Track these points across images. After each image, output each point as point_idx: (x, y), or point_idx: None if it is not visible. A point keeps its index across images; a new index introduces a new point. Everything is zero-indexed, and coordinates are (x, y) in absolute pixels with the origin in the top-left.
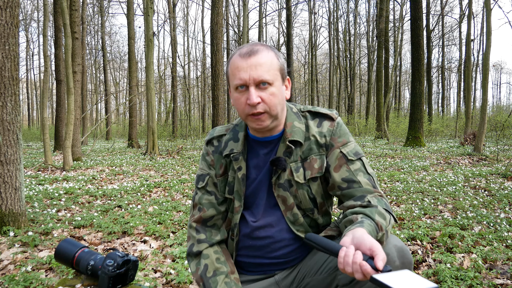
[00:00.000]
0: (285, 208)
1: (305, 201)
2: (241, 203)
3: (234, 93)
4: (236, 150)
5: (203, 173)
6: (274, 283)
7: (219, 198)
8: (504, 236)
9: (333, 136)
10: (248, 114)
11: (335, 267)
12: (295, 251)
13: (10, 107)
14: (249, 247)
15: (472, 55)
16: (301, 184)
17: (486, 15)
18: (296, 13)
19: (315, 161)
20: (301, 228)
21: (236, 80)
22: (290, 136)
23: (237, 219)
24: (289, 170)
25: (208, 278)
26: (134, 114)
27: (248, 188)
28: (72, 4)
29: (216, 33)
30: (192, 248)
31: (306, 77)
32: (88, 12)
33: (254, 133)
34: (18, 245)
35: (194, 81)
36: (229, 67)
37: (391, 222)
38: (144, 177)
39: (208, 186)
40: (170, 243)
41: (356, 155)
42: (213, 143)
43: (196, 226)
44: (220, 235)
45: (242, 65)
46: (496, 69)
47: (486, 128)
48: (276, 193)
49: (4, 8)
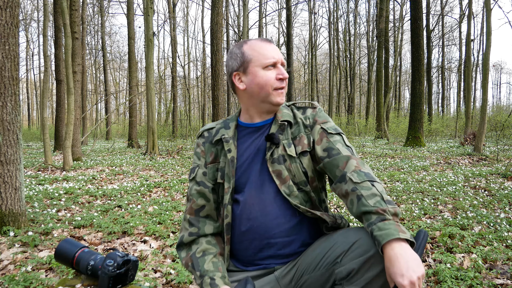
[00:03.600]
0: (280, 182)
1: (298, 174)
2: (230, 184)
3: (261, 71)
4: (227, 135)
5: (194, 166)
6: (274, 280)
7: (208, 186)
8: (504, 236)
9: (315, 117)
10: (275, 88)
11: (333, 262)
12: (292, 229)
13: (10, 107)
14: (247, 230)
15: (472, 55)
16: (293, 158)
17: (486, 15)
18: (296, 13)
19: (303, 138)
20: (296, 199)
21: (269, 58)
22: (282, 118)
23: (226, 200)
24: (281, 146)
25: (197, 258)
26: (134, 114)
27: (238, 170)
28: (72, 4)
29: (216, 33)
30: (183, 239)
31: (306, 77)
32: (88, 12)
33: (252, 119)
34: (18, 245)
35: (194, 81)
36: (252, 50)
37: (380, 188)
38: (144, 177)
39: (197, 177)
40: (170, 243)
41: (335, 130)
42: (203, 135)
43: (189, 218)
44: (214, 227)
45: (270, 47)
46: (496, 69)
47: (486, 128)
48: (271, 168)
49: (4, 8)
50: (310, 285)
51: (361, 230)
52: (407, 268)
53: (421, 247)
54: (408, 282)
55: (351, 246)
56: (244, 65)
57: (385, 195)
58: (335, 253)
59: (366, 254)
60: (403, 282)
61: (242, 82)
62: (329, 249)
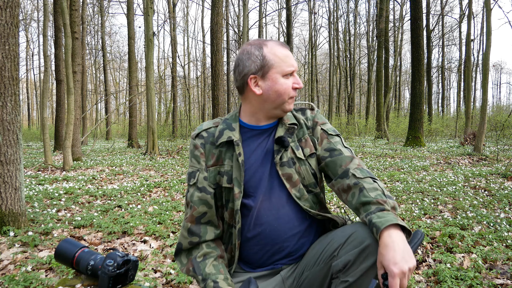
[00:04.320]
0: (290, 185)
1: (308, 177)
2: (240, 189)
3: (281, 78)
4: (234, 137)
5: (193, 170)
6: (280, 281)
7: (210, 192)
8: (504, 236)
9: (315, 118)
10: (290, 97)
11: (331, 256)
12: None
13: (10, 107)
14: (257, 235)
15: (472, 55)
16: (303, 160)
17: (486, 15)
18: (296, 13)
19: (309, 140)
20: (306, 203)
21: (289, 67)
22: (288, 121)
23: (237, 205)
24: (290, 149)
25: (198, 262)
26: (134, 114)
27: (246, 174)
28: (72, 4)
29: (216, 33)
30: (182, 247)
31: (306, 77)
32: (88, 12)
33: (257, 122)
34: (18, 245)
35: (194, 81)
36: (273, 55)
37: (382, 185)
38: (144, 177)
39: (198, 183)
40: (170, 243)
41: (334, 131)
42: (202, 135)
43: (190, 226)
44: (215, 234)
45: (289, 54)
46: (496, 69)
47: (486, 128)
48: (281, 172)
49: (4, 8)
50: (311, 281)
51: (357, 224)
52: (401, 258)
53: (416, 245)
54: (399, 271)
55: (347, 239)
56: (264, 69)
57: (385, 191)
58: (332, 247)
59: (362, 245)
60: (395, 270)
61: (259, 86)
62: (327, 244)
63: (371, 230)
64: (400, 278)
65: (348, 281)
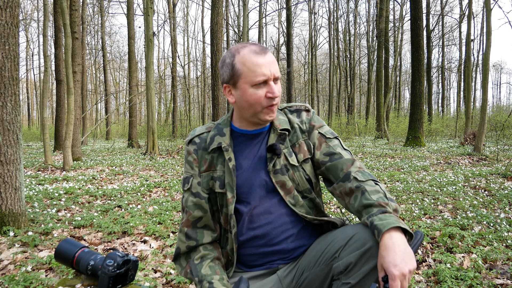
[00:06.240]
0: (284, 193)
1: (302, 183)
2: (233, 193)
3: (250, 88)
4: (225, 143)
5: (187, 175)
6: (277, 280)
7: (204, 197)
8: (504, 236)
9: (311, 121)
10: (265, 107)
11: (332, 257)
12: (298, 235)
13: (10, 107)
14: (251, 239)
15: (472, 55)
16: (296, 167)
17: (486, 15)
18: (296, 13)
19: (303, 145)
20: (302, 209)
21: (259, 76)
22: (280, 126)
23: (231, 210)
24: (283, 156)
25: (195, 264)
26: (134, 114)
27: (239, 178)
28: (72, 4)
29: (216, 33)
30: (180, 252)
31: (306, 77)
32: (88, 12)
33: (247, 127)
34: (18, 245)
35: (194, 81)
36: (242, 65)
37: (383, 188)
38: (144, 177)
39: (192, 188)
40: (170, 243)
41: (332, 134)
42: (194, 141)
43: (186, 230)
44: (212, 237)
45: (261, 62)
46: (496, 69)
47: (486, 128)
48: (274, 179)
49: (4, 8)
50: (310, 282)
51: (358, 225)
52: (401, 260)
53: (416, 245)
54: (400, 273)
55: (348, 241)
56: (234, 79)
57: (387, 193)
58: (333, 248)
59: (363, 247)
60: (395, 272)
61: (232, 95)
62: (328, 245)
63: (373, 232)
64: (400, 280)
65: (349, 283)
